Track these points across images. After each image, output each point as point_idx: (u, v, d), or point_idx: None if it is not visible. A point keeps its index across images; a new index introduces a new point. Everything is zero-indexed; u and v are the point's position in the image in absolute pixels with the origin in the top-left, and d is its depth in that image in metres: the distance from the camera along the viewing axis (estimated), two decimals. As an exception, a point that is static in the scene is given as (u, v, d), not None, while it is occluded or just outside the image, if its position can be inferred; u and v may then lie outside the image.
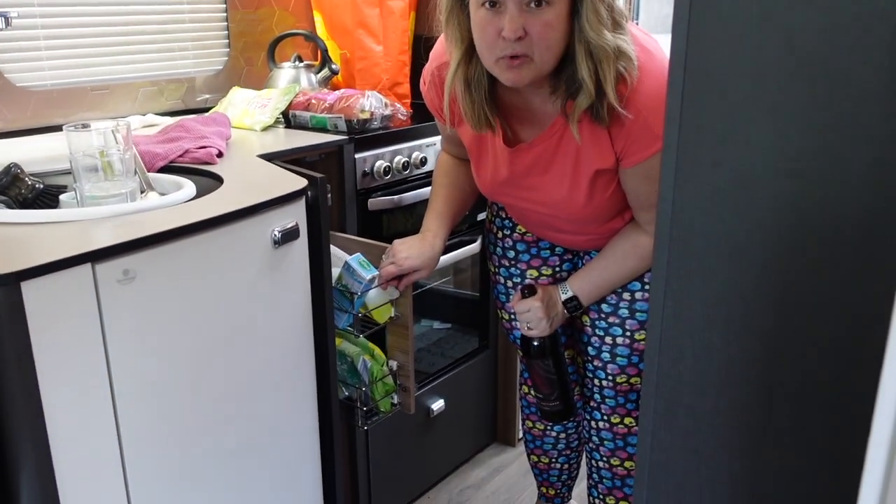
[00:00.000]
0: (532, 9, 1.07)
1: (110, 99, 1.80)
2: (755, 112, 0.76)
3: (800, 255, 0.78)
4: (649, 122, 1.15)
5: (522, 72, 1.13)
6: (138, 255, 0.99)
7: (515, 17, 1.07)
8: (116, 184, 1.16)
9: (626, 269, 1.34)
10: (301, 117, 1.76)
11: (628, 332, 1.40)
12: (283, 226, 1.20)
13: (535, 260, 1.52)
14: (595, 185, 1.26)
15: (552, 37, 1.09)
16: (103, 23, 1.76)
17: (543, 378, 1.47)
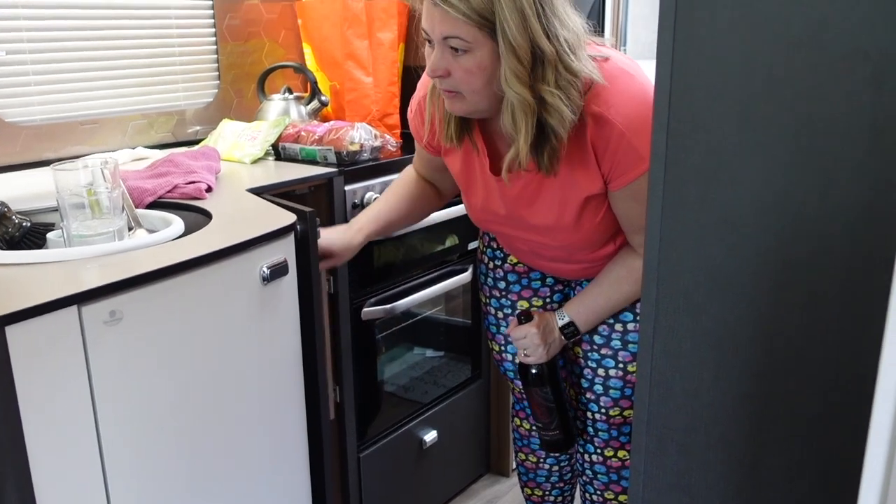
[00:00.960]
0: (455, 53, 1.12)
1: (100, 132, 1.80)
2: (740, 150, 0.77)
3: (788, 291, 0.78)
4: (633, 144, 1.16)
5: (457, 105, 1.19)
6: (125, 296, 0.98)
7: (438, 58, 1.14)
8: (104, 222, 1.16)
9: (623, 294, 1.34)
10: (291, 149, 1.76)
11: (621, 364, 1.39)
12: (272, 262, 1.20)
13: (525, 291, 1.52)
14: (584, 211, 1.26)
15: (474, 81, 1.13)
16: (93, 57, 1.77)
17: (542, 406, 1.46)
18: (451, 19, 1.08)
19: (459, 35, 1.10)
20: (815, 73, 0.72)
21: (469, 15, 1.07)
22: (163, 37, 1.90)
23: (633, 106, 1.16)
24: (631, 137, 1.16)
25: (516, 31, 1.07)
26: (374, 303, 1.79)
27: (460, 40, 1.10)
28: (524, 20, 1.08)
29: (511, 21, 1.07)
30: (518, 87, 1.11)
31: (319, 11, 2.03)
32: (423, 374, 2.10)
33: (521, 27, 1.08)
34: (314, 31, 2.05)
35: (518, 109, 1.13)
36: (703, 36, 0.76)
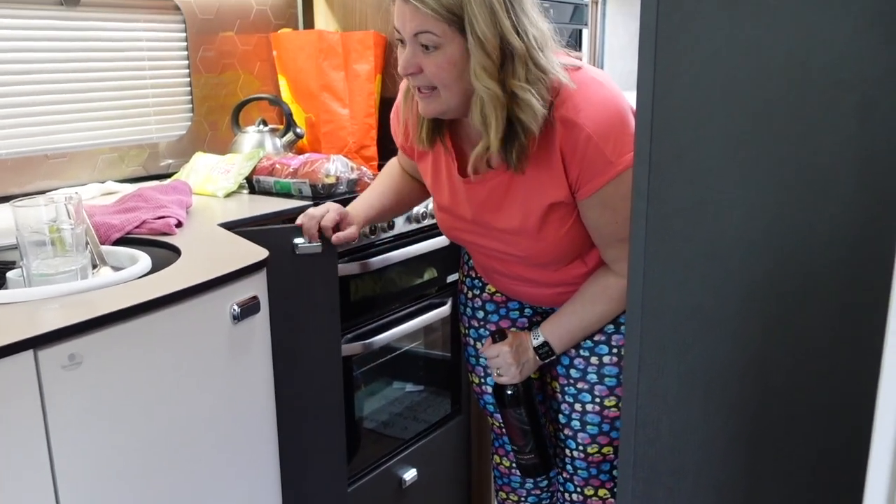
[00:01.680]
0: (425, 50, 1.14)
1: (69, 167, 1.76)
2: (724, 184, 0.74)
3: (776, 328, 0.75)
4: (601, 148, 1.15)
5: (431, 104, 1.20)
6: (86, 338, 0.94)
7: (409, 55, 1.16)
8: (67, 260, 1.11)
9: (597, 313, 1.32)
10: (265, 182, 1.72)
11: (597, 399, 1.36)
12: (243, 299, 1.15)
13: (504, 321, 1.49)
14: (549, 219, 1.24)
15: (446, 77, 1.15)
16: (62, 90, 1.73)
17: (517, 429, 1.43)
18: (422, 15, 1.11)
19: (430, 30, 1.11)
20: (799, 104, 0.70)
21: (438, 10, 1.09)
22: (135, 69, 1.87)
23: (602, 111, 1.16)
24: (599, 141, 1.15)
25: (485, 27, 1.09)
26: (351, 339, 1.75)
27: (430, 35, 1.12)
28: (493, 15, 1.10)
29: (480, 16, 1.09)
30: (487, 82, 1.12)
31: (295, 43, 2.01)
32: (403, 409, 2.05)
33: (490, 22, 1.10)
34: (289, 62, 2.03)
35: (488, 104, 1.13)
36: (684, 67, 0.74)
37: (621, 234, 1.21)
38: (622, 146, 1.15)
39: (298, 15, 2.26)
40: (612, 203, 1.19)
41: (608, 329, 1.35)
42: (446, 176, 1.33)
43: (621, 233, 1.21)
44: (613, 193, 1.18)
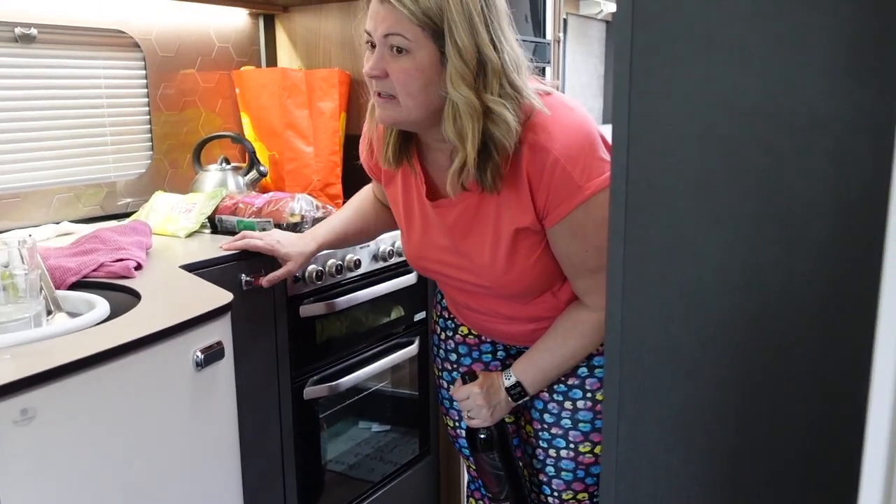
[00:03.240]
0: (394, 54, 1.11)
1: (22, 207, 1.70)
2: (700, 225, 0.74)
3: (756, 369, 0.75)
4: (569, 171, 1.14)
5: (388, 111, 1.16)
6: (39, 392, 0.89)
7: (377, 58, 1.13)
8: (20, 307, 1.06)
9: (569, 349, 1.29)
10: (228, 222, 1.69)
11: (572, 444, 1.33)
12: (206, 345, 1.11)
13: (476, 364, 1.46)
14: (517, 247, 1.22)
15: (411, 84, 1.11)
16: (16, 128, 1.68)
17: (491, 475, 1.39)
18: (396, 16, 1.08)
19: (402, 32, 1.09)
20: (774, 146, 0.70)
21: (415, 13, 1.07)
22: (92, 107, 1.83)
23: (570, 134, 1.15)
24: (566, 164, 1.14)
25: (464, 34, 1.07)
26: (316, 381, 1.70)
27: (402, 38, 1.09)
28: (472, 25, 1.08)
29: (460, 24, 1.07)
30: (464, 90, 1.09)
31: (257, 81, 1.99)
32: (371, 450, 2.00)
33: (469, 31, 1.08)
34: (252, 100, 2.01)
35: (464, 113, 1.11)
36: (658, 109, 0.74)
37: (591, 264, 1.19)
38: (591, 170, 1.14)
39: (261, 52, 2.24)
40: (581, 230, 1.17)
41: (581, 372, 1.33)
42: (416, 199, 1.31)
43: (591, 262, 1.19)
44: (583, 219, 1.16)
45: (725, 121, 0.71)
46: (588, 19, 3.62)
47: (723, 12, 0.71)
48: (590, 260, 1.19)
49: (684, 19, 0.73)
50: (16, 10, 1.65)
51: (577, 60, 3.60)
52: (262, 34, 2.24)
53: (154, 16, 1.93)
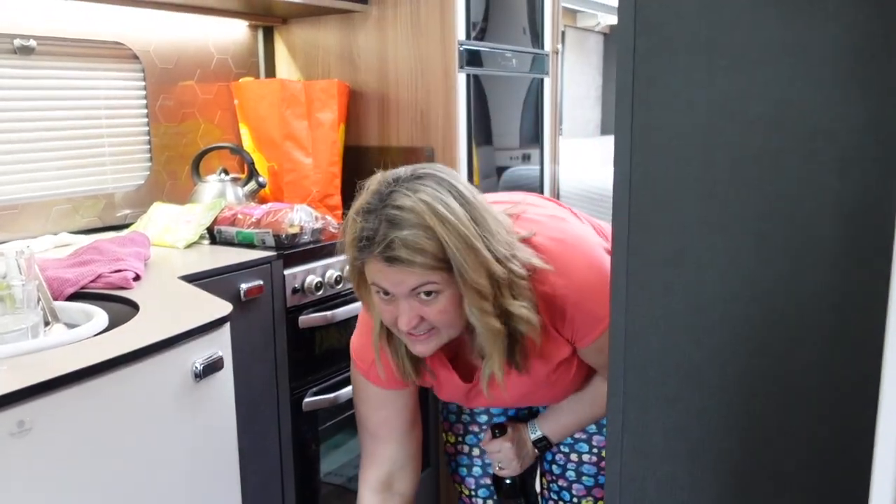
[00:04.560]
0: (424, 298, 1.06)
1: (20, 218, 1.69)
2: (705, 235, 0.73)
3: (762, 380, 0.74)
4: (588, 308, 1.13)
5: (431, 343, 1.12)
6: (36, 403, 0.88)
7: (407, 311, 1.06)
8: (17, 318, 1.06)
9: (594, 414, 1.32)
10: (227, 233, 1.68)
11: (595, 449, 1.34)
12: (205, 356, 1.10)
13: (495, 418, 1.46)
14: (559, 375, 1.23)
15: (448, 319, 1.08)
16: (15, 139, 1.67)
17: None
18: (417, 274, 1.03)
19: (430, 280, 1.04)
20: (778, 155, 0.69)
21: (431, 264, 1.03)
22: (91, 118, 1.82)
23: (583, 271, 1.13)
24: (584, 303, 1.13)
25: (473, 273, 1.03)
26: (315, 392, 1.69)
27: (430, 285, 1.05)
28: (476, 256, 1.04)
29: (467, 263, 1.03)
30: (486, 319, 1.07)
31: (256, 92, 1.99)
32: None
33: (476, 265, 1.04)
34: (251, 111, 2.01)
35: (489, 337, 1.10)
36: (662, 118, 0.73)
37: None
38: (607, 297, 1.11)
39: (260, 64, 2.24)
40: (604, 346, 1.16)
41: (590, 428, 1.36)
42: (450, 386, 1.27)
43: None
44: (604, 339, 1.12)
45: (729, 130, 0.71)
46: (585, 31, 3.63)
47: (725, 21, 0.71)
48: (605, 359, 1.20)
49: (686, 27, 0.73)
50: (15, 22, 1.65)
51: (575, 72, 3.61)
52: (262, 46, 2.24)
53: (153, 28, 1.93)
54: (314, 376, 1.70)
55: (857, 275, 0.68)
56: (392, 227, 1.02)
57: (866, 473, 0.58)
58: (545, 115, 2.52)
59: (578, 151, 3.32)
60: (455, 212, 1.03)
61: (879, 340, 0.58)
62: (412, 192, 1.03)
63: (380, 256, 1.02)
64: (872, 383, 0.59)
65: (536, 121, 2.50)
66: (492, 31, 2.23)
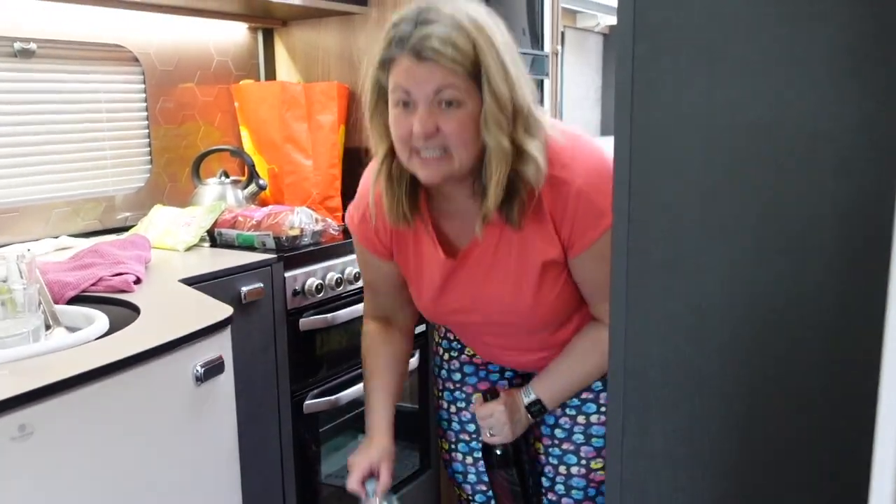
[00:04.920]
0: (444, 108, 1.06)
1: (20, 221, 1.70)
2: (704, 238, 0.73)
3: (763, 383, 0.74)
4: (593, 199, 1.12)
5: (440, 168, 1.10)
6: (37, 407, 0.88)
7: (425, 117, 1.06)
8: (18, 322, 1.06)
9: (589, 367, 1.27)
10: (227, 235, 1.68)
11: (583, 461, 1.32)
12: (206, 359, 1.11)
13: (482, 383, 1.44)
14: (543, 280, 1.20)
15: (465, 135, 1.07)
16: (16, 143, 1.68)
17: (507, 490, 1.37)
18: (444, 70, 1.04)
19: (454, 84, 1.05)
20: (777, 157, 0.69)
21: (461, 62, 1.04)
22: (92, 121, 1.82)
23: (591, 164, 1.13)
24: (590, 193, 1.12)
25: (500, 81, 1.05)
26: (316, 395, 1.70)
27: (454, 90, 1.05)
28: (505, 70, 1.06)
29: (494, 70, 1.05)
30: (499, 136, 1.07)
31: (257, 94, 1.99)
32: (370, 466, 1.99)
33: (504, 76, 1.06)
34: (251, 113, 2.01)
35: (495, 158, 1.08)
36: (661, 123, 0.74)
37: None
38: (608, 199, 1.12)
39: (260, 66, 2.25)
40: (606, 254, 1.15)
41: (596, 386, 1.31)
42: (430, 259, 1.26)
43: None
44: (608, 244, 1.14)
45: (728, 133, 0.71)
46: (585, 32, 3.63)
47: (724, 25, 0.71)
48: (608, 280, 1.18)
49: (685, 31, 0.73)
50: (15, 25, 1.65)
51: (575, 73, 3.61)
52: (262, 48, 2.24)
53: (153, 30, 1.93)
54: (315, 378, 1.70)
55: (856, 276, 0.68)
56: (427, 25, 1.04)
57: (866, 476, 0.58)
58: (545, 116, 2.53)
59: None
60: (490, 25, 1.07)
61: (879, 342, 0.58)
62: (449, 2, 1.07)
63: (410, 52, 1.04)
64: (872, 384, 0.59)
65: (536, 122, 2.51)
66: (491, 32, 2.23)
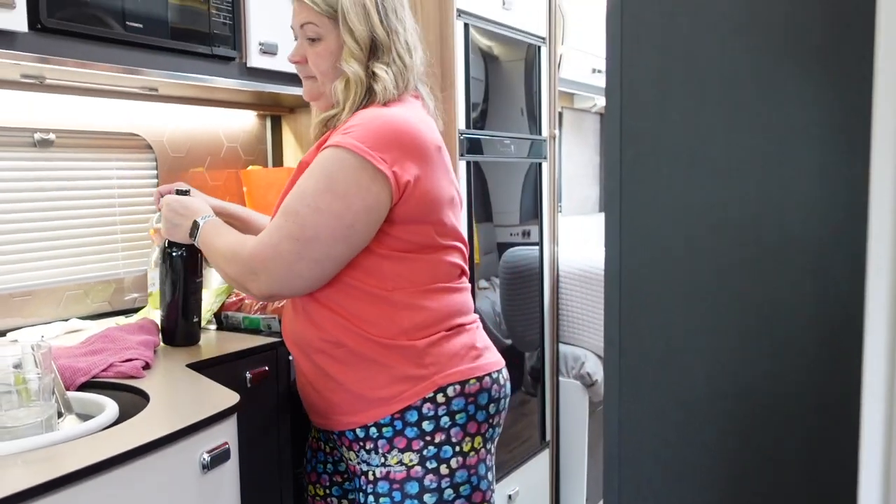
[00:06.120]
0: (310, 43, 1.36)
1: (32, 304, 1.74)
2: (690, 334, 0.77)
3: (748, 473, 0.77)
4: (350, 127, 1.27)
5: (308, 88, 1.41)
6: (49, 499, 0.90)
7: (297, 47, 1.39)
8: (32, 411, 1.08)
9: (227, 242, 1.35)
10: (233, 318, 1.72)
11: None
12: (213, 447, 1.13)
13: None
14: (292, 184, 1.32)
15: (322, 63, 1.36)
16: (32, 228, 1.73)
17: None
18: (307, 9, 1.34)
19: (312, 21, 1.34)
20: (756, 262, 0.74)
21: (319, 5, 1.32)
22: (104, 205, 1.89)
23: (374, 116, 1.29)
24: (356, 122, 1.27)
25: (355, 19, 1.31)
26: (319, 477, 1.70)
27: (313, 26, 1.34)
28: (364, 9, 1.32)
29: (351, 9, 1.31)
30: (354, 65, 1.32)
31: (264, 179, 2.06)
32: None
33: (362, 16, 1.32)
34: (259, 198, 2.07)
35: (351, 83, 1.33)
36: (647, 222, 0.79)
37: (286, 204, 1.28)
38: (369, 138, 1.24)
39: (268, 151, 2.33)
40: (314, 169, 1.27)
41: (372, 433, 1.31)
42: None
43: (287, 202, 1.28)
44: (319, 161, 1.27)
45: (709, 235, 0.76)
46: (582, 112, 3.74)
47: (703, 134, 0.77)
48: (289, 197, 1.29)
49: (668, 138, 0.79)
50: (36, 117, 1.73)
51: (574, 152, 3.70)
52: (270, 134, 2.33)
53: (166, 119, 2.02)
54: (318, 460, 1.70)
55: (834, 371, 0.72)
56: None
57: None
58: (543, 196, 2.59)
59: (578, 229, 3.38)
60: None
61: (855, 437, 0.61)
62: None
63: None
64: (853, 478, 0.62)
65: (535, 199, 2.57)
66: (491, 112, 2.32)
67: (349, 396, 1.31)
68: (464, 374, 1.31)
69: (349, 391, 1.31)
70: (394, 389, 1.28)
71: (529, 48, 2.50)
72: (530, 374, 2.59)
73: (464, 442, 1.30)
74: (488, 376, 1.34)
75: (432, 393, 1.28)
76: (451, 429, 1.29)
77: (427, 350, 1.28)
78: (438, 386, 1.28)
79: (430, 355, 1.29)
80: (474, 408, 1.31)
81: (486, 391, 1.33)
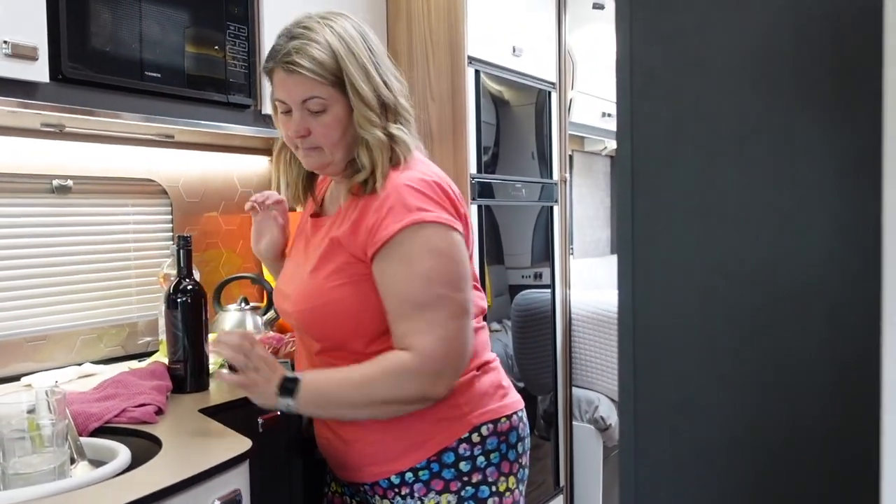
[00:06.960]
0: (313, 114, 1.25)
1: (46, 348, 1.75)
2: (706, 383, 0.77)
3: (770, 527, 0.75)
4: (403, 196, 1.22)
5: (315, 159, 1.30)
6: (61, 548, 0.90)
7: (299, 121, 1.26)
8: (45, 457, 1.08)
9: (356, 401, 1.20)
10: (246, 362, 1.72)
11: None
12: (224, 494, 1.12)
13: None
14: (325, 261, 1.27)
15: (332, 135, 1.26)
16: (47, 273, 1.75)
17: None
18: (309, 82, 1.23)
19: (317, 94, 1.24)
20: (772, 310, 0.74)
21: (323, 75, 1.22)
22: (120, 251, 1.91)
23: (413, 174, 1.26)
24: (402, 191, 1.22)
25: (362, 84, 1.24)
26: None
27: (318, 100, 1.24)
28: (367, 74, 1.25)
29: (357, 76, 1.24)
30: (373, 130, 1.25)
31: (278, 223, 2.08)
32: None
33: (366, 79, 1.25)
34: (272, 241, 2.08)
35: (375, 148, 1.25)
36: (662, 276, 0.79)
37: (417, 297, 1.17)
38: (428, 203, 1.22)
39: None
40: (407, 256, 1.19)
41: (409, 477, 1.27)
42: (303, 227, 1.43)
43: (417, 294, 1.17)
44: (410, 244, 1.19)
45: (724, 287, 0.76)
46: (593, 155, 3.77)
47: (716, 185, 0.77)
48: (415, 291, 1.18)
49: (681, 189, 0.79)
50: (55, 164, 1.76)
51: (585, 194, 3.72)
52: (283, 178, 2.35)
53: (182, 164, 2.05)
54: None
55: (853, 423, 0.71)
56: (295, 39, 1.24)
57: None
58: (555, 239, 2.60)
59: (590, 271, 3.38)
60: (352, 34, 1.26)
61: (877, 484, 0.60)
62: (322, 19, 1.26)
63: (281, 65, 1.24)
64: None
65: (547, 242, 2.58)
66: (503, 156, 2.34)
67: (383, 446, 1.28)
68: (496, 412, 1.31)
69: (382, 440, 1.28)
70: (429, 432, 1.27)
71: (540, 93, 2.53)
72: (543, 417, 2.57)
73: (499, 482, 1.30)
74: (515, 415, 1.35)
75: (468, 433, 1.28)
76: (486, 468, 1.29)
77: (460, 390, 1.27)
78: (473, 425, 1.28)
79: (464, 395, 1.28)
80: (506, 447, 1.32)
81: (515, 430, 1.34)
